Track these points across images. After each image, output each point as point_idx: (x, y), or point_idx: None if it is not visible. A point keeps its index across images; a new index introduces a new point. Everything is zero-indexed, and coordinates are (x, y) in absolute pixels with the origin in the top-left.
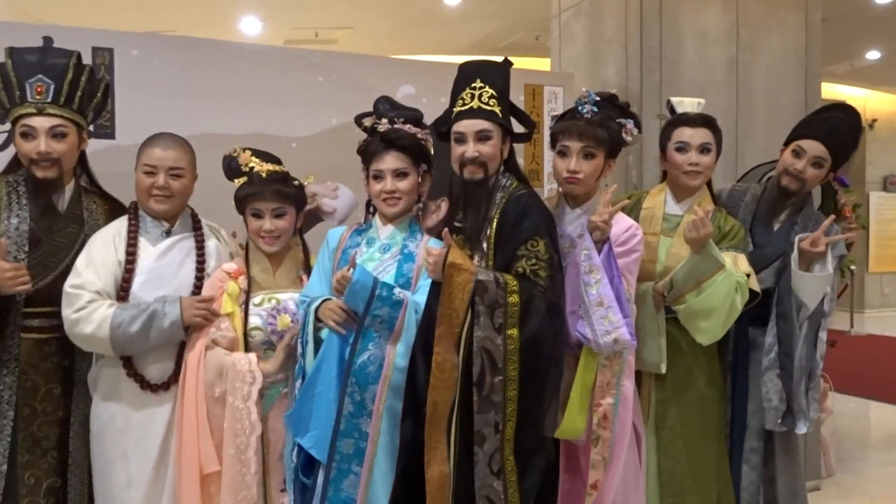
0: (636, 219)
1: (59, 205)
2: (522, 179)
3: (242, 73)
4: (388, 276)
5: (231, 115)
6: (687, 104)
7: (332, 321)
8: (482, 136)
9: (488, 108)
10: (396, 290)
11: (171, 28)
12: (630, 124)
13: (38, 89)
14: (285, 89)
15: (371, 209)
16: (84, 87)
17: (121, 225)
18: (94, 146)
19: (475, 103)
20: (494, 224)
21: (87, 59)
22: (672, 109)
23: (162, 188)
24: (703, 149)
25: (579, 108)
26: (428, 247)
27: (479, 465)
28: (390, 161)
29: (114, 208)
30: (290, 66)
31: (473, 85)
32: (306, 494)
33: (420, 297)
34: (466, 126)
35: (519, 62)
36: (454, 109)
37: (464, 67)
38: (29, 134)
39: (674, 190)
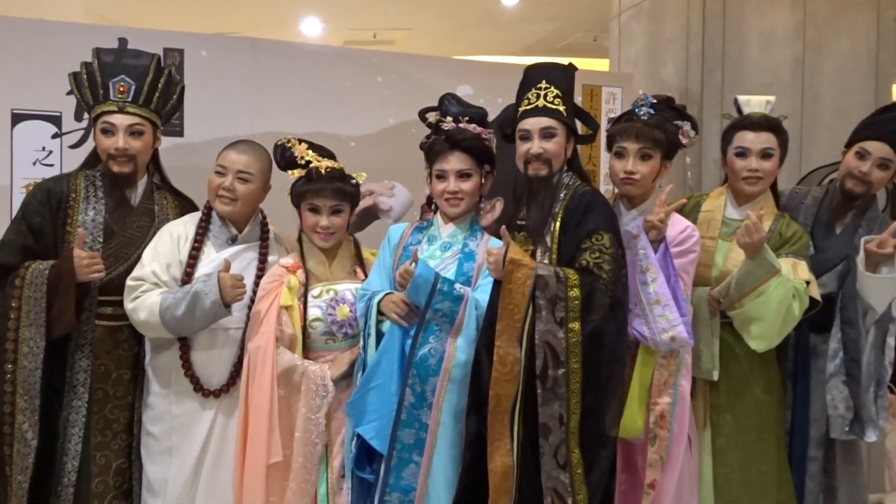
0: (694, 222)
1: (133, 199)
2: (585, 178)
3: (304, 72)
4: (448, 275)
5: (293, 114)
6: (755, 104)
7: (395, 314)
8: (547, 134)
9: (553, 106)
10: (457, 286)
11: (235, 30)
12: (687, 126)
13: (121, 89)
14: (345, 89)
15: (433, 206)
16: (161, 89)
17: (190, 225)
18: (163, 143)
19: (541, 102)
20: (559, 220)
21: None
22: (739, 109)
23: (228, 189)
24: (765, 154)
25: (636, 110)
26: (489, 247)
27: (545, 457)
28: (454, 162)
29: (183, 205)
30: (351, 67)
31: (539, 85)
32: (363, 483)
33: (481, 294)
34: (532, 123)
35: (576, 63)
36: (520, 109)
37: (529, 70)
38: (109, 131)
39: (734, 194)
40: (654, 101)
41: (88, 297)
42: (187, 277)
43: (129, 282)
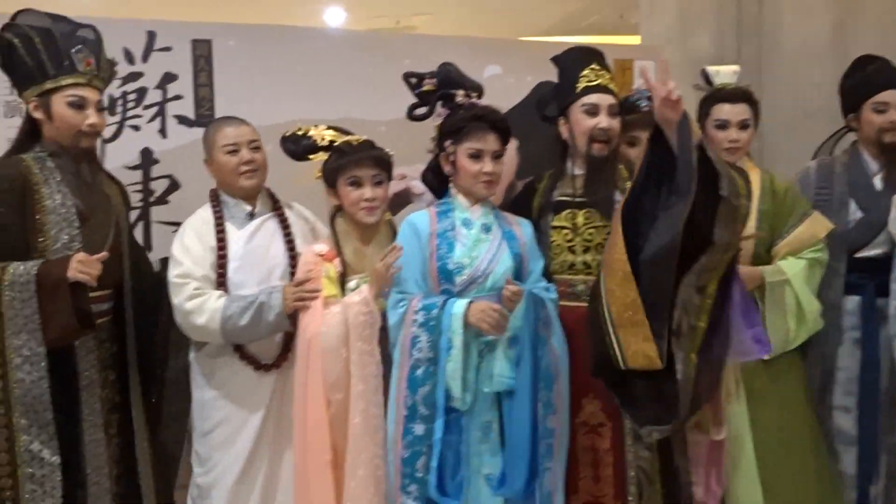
0: None
1: (87, 177)
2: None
3: (332, 59)
4: (503, 256)
5: (321, 101)
6: (723, 74)
7: (487, 324)
8: (613, 112)
9: (613, 88)
10: (537, 291)
11: (261, 19)
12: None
13: (88, 62)
14: (373, 74)
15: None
16: (105, 63)
17: (205, 213)
18: (195, 134)
19: (603, 81)
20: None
21: (186, 51)
22: (709, 80)
23: (249, 162)
24: (743, 125)
25: (639, 102)
26: None
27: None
28: (492, 142)
29: (121, 187)
30: (378, 51)
31: (593, 66)
32: None
33: (539, 291)
34: (601, 99)
35: (603, 41)
36: (578, 86)
37: (571, 53)
38: (80, 105)
39: None
40: (649, 94)
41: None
42: (222, 261)
43: (174, 279)
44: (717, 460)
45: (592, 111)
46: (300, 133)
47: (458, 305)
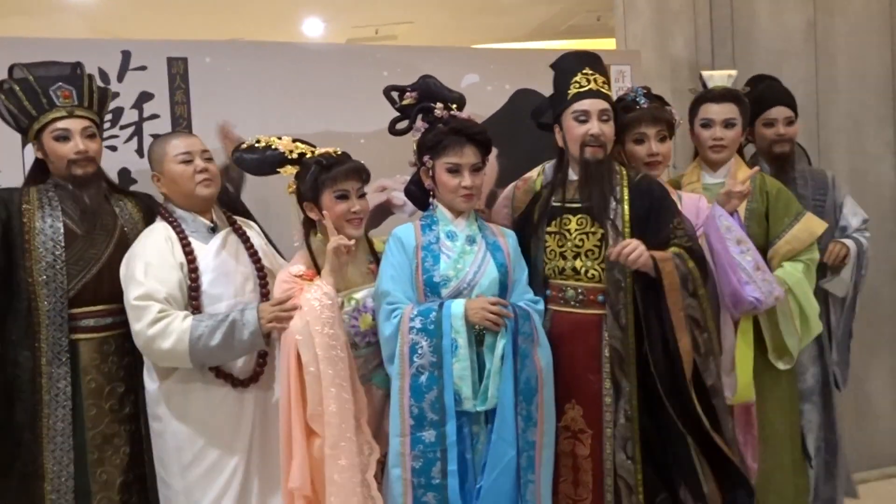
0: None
1: (91, 202)
2: (623, 164)
3: (310, 72)
4: (489, 267)
5: (300, 115)
6: (717, 78)
7: (488, 321)
8: (604, 118)
9: (605, 91)
10: (522, 305)
11: (236, 35)
12: (673, 109)
13: (65, 94)
14: (351, 86)
15: (431, 200)
16: (98, 92)
17: (163, 230)
18: None
19: (593, 86)
20: (626, 205)
21: (162, 69)
22: (704, 84)
23: (204, 170)
24: (728, 124)
25: (637, 100)
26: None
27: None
28: (470, 155)
29: (141, 200)
30: (355, 63)
31: (585, 71)
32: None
33: (522, 303)
34: (591, 104)
35: (581, 44)
36: (569, 92)
37: (565, 59)
38: (64, 137)
39: (706, 164)
40: (645, 91)
41: (59, 312)
42: (194, 275)
43: (134, 302)
44: (749, 426)
45: (583, 118)
46: (260, 145)
47: (457, 305)
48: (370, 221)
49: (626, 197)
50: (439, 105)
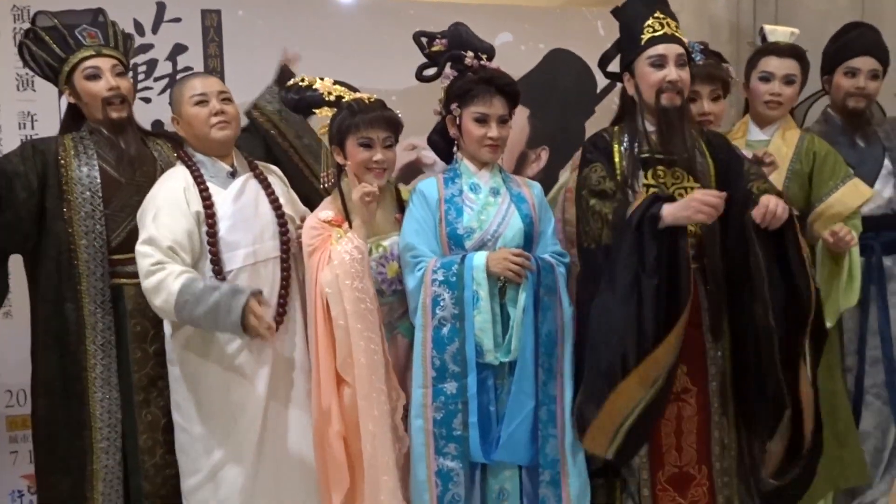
0: None
1: (129, 149)
2: None
3: (342, 28)
4: (513, 219)
5: (332, 70)
6: (780, 33)
7: (511, 272)
8: (681, 62)
9: (679, 35)
10: (545, 257)
11: None
12: (730, 67)
13: (91, 35)
14: (384, 42)
15: (455, 152)
16: (122, 35)
17: (181, 175)
18: None
19: (668, 30)
20: (710, 159)
21: (196, 22)
22: (764, 38)
23: (220, 112)
24: (787, 80)
25: (693, 55)
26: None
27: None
28: (498, 106)
29: (176, 145)
30: (389, 19)
31: (657, 15)
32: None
33: (550, 257)
34: (668, 49)
35: (617, 3)
36: (643, 37)
37: (631, 4)
38: (95, 75)
39: (756, 120)
40: (702, 46)
41: (100, 258)
42: (212, 221)
43: (138, 248)
44: None
45: (659, 63)
46: (303, 84)
47: (479, 257)
48: (399, 179)
49: (706, 150)
50: (469, 53)
